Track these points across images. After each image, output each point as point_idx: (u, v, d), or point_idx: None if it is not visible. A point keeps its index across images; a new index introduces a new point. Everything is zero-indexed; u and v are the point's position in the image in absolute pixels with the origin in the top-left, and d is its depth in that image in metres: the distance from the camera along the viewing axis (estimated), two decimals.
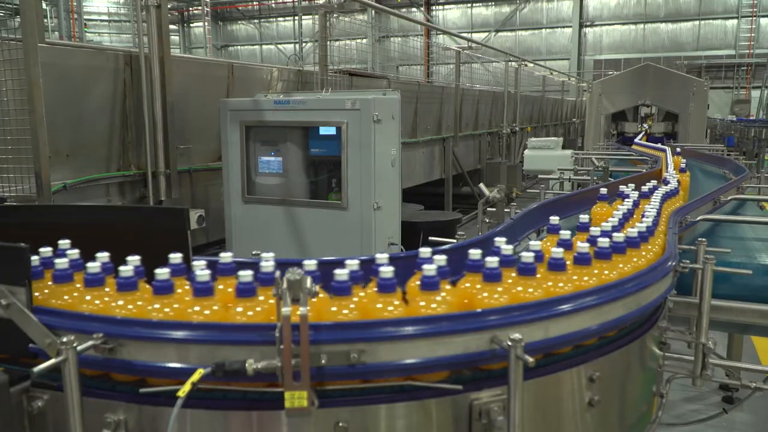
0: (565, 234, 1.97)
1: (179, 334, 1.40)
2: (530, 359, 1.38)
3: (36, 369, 1.31)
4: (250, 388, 1.46)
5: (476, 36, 24.93)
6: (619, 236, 1.96)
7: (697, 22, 25.91)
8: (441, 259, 1.62)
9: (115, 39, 24.07)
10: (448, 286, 1.58)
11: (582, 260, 1.80)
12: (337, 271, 1.45)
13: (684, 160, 4.09)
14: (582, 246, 1.81)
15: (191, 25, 29.23)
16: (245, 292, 1.49)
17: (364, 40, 25.21)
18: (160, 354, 1.43)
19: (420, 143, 9.83)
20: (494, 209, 3.96)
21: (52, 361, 1.33)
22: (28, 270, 1.57)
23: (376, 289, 1.50)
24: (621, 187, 3.00)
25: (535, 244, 1.79)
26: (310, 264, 1.60)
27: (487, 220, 3.41)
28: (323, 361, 1.37)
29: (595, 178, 5.41)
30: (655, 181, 3.24)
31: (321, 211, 5.22)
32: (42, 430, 1.56)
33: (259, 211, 5.38)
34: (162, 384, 1.47)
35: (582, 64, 27.21)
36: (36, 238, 1.71)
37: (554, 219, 2.21)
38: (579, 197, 3.50)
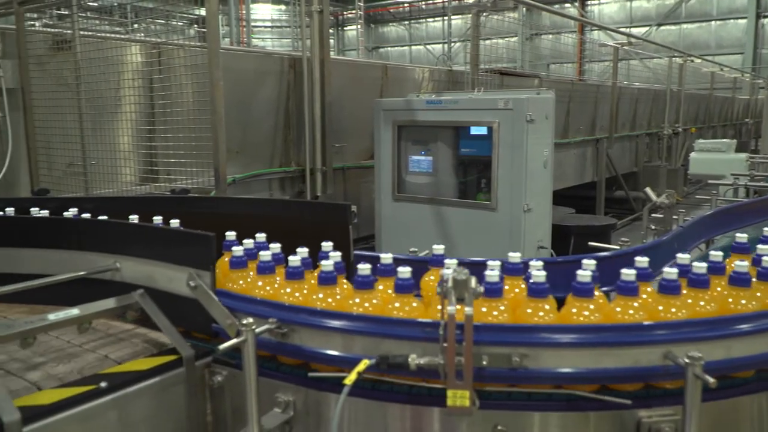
0: (741, 238, 1.79)
1: (347, 324, 1.46)
2: (711, 380, 1.27)
3: (221, 347, 1.43)
4: (410, 383, 1.49)
5: (635, 31, 23.43)
6: None
7: None
8: (630, 274, 1.51)
9: (276, 44, 25.70)
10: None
11: None
12: (489, 273, 1.43)
13: None
14: None
15: (345, 28, 30.42)
16: (405, 288, 1.52)
17: (514, 38, 24.70)
18: (328, 342, 1.50)
19: (572, 144, 9.46)
20: (660, 215, 3.69)
21: (234, 340, 1.45)
22: (213, 256, 1.73)
23: (526, 293, 1.46)
24: None
25: (716, 254, 1.64)
26: (495, 264, 1.58)
27: (653, 227, 3.19)
28: (484, 362, 1.36)
29: None
30: None
31: (469, 211, 5.19)
32: (220, 402, 1.71)
33: (408, 209, 5.47)
34: (327, 370, 1.55)
35: (758, 58, 24.57)
36: (214, 226, 1.86)
37: (741, 236, 1.98)
38: (757, 206, 3.17)
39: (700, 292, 1.55)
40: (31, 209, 2.32)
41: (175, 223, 2.08)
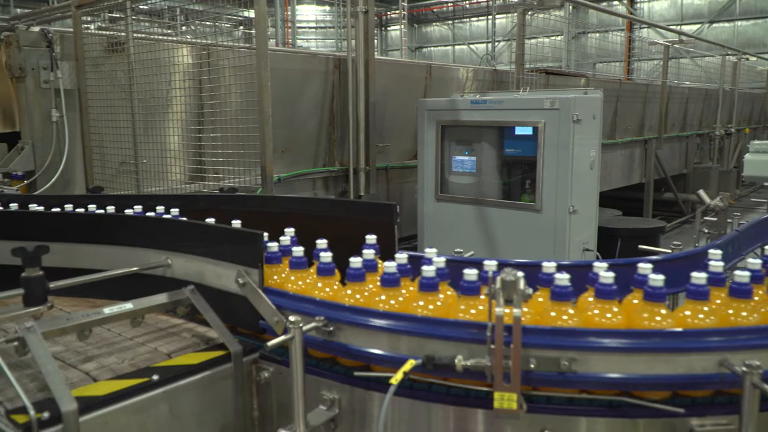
0: None
1: (393, 324, 1.46)
2: None
3: (269, 344, 1.46)
4: (455, 383, 1.48)
5: (686, 28, 22.76)
6: None
7: None
8: (701, 277, 1.44)
9: (320, 44, 25.92)
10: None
11: None
12: (558, 276, 1.41)
13: None
14: None
15: (388, 28, 30.46)
16: (470, 290, 1.50)
17: (560, 37, 24.30)
18: (373, 341, 1.51)
19: (619, 144, 9.25)
20: (713, 219, 3.57)
21: (282, 337, 1.47)
22: (261, 254, 1.76)
23: (592, 297, 1.44)
24: None
25: None
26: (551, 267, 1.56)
27: (706, 230, 3.09)
28: (532, 366, 1.35)
29: None
30: None
31: (513, 212, 5.14)
32: (266, 398, 1.74)
33: (451, 209, 5.44)
34: (371, 369, 1.56)
35: None
36: (260, 224, 1.89)
37: None
38: None
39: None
40: (89, 206, 2.40)
41: (237, 223, 2.11)
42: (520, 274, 1.26)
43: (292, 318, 1.49)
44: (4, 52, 4.29)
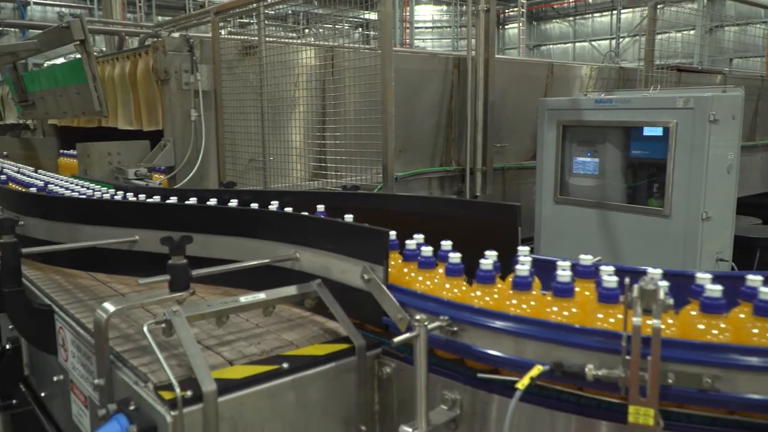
0: None
1: (521, 327, 1.43)
2: None
3: (395, 340, 1.48)
4: (580, 392, 1.43)
5: None
6: None
7: None
8: None
9: (436, 44, 25.98)
10: None
11: None
12: (709, 287, 1.32)
13: None
14: None
15: (505, 26, 29.95)
16: (608, 297, 1.45)
17: (692, 31, 22.75)
18: (498, 344, 1.49)
19: (759, 147, 8.51)
20: None
21: (407, 335, 1.49)
22: (386, 251, 1.79)
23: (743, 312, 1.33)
24: None
25: None
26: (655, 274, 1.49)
27: None
28: (670, 381, 1.27)
29: None
30: None
31: (639, 217, 4.89)
32: (387, 393, 1.77)
33: (571, 212, 5.27)
34: (494, 372, 1.54)
35: None
36: (381, 221, 1.92)
37: None
38: None
39: None
40: (230, 201, 2.56)
41: (348, 218, 2.16)
42: (663, 283, 1.20)
43: (417, 316, 1.50)
44: (152, 57, 4.68)
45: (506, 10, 28.53)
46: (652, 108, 4.76)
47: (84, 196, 3.05)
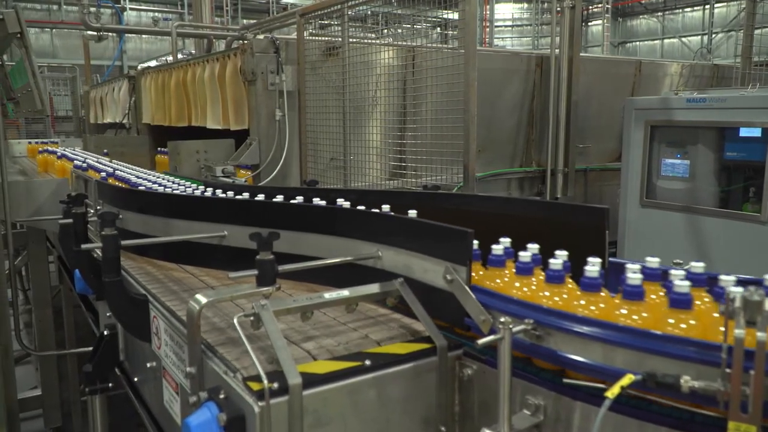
0: None
1: (611, 334, 1.39)
2: None
3: (480, 342, 1.47)
4: (671, 404, 1.37)
5: None
6: None
7: None
8: None
9: (516, 43, 25.53)
10: None
11: None
12: None
13: None
14: None
15: (589, 23, 29.05)
16: (681, 303, 1.40)
17: None
18: (586, 350, 1.45)
19: None
20: None
21: (491, 337, 1.47)
22: (470, 252, 1.77)
23: None
24: None
25: None
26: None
27: None
28: None
29: None
30: None
31: (732, 222, 4.63)
32: (468, 395, 1.76)
33: (657, 216, 5.05)
34: (579, 378, 1.50)
35: None
36: (463, 222, 1.90)
37: None
38: None
39: None
40: (314, 199, 2.61)
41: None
42: (761, 292, 1.13)
43: (502, 318, 1.48)
44: (240, 58, 4.84)
45: (590, 7, 27.67)
46: (749, 107, 4.50)
47: (177, 192, 3.20)
